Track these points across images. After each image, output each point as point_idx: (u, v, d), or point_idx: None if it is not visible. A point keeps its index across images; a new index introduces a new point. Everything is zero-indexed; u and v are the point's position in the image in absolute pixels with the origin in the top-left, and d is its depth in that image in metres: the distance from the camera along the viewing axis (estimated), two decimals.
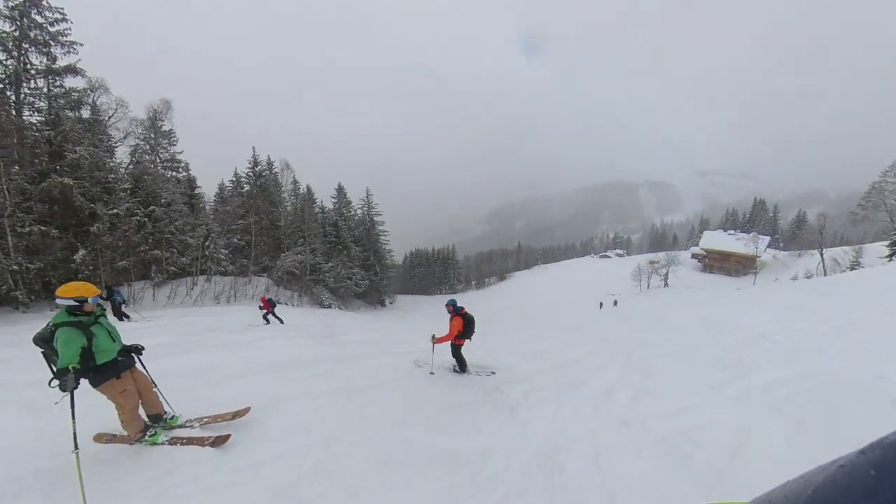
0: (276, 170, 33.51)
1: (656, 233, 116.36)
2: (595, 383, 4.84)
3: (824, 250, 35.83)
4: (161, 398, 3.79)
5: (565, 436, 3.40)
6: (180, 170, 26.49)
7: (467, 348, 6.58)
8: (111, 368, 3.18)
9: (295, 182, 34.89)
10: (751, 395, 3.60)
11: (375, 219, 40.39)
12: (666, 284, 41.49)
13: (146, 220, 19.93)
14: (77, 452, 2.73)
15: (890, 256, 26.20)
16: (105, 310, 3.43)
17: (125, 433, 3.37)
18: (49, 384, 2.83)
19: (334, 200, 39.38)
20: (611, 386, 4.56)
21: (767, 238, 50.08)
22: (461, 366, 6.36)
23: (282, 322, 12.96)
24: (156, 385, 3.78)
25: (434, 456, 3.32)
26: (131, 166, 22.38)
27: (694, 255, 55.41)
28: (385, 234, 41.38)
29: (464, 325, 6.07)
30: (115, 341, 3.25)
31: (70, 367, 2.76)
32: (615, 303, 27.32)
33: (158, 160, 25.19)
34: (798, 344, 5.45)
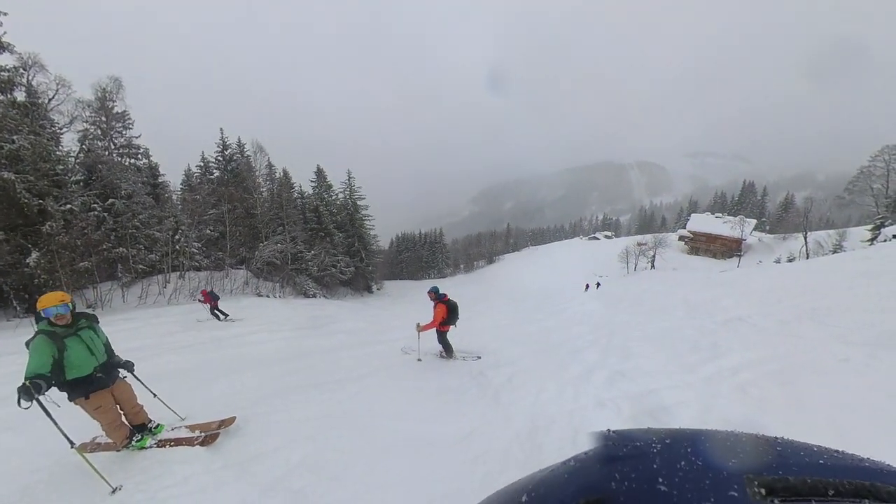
0: (247, 153, 32.03)
1: (645, 214, 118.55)
2: (577, 366, 5.14)
3: (809, 233, 37.21)
4: (163, 405, 3.94)
5: (546, 417, 3.67)
6: (139, 156, 24.54)
7: (455, 333, 6.83)
8: (81, 386, 3.09)
9: (270, 166, 33.48)
10: (719, 377, 3.91)
11: (359, 203, 39.86)
12: (653, 266, 42.73)
13: (106, 214, 18.64)
14: (76, 446, 2.86)
15: (871, 240, 27.36)
16: (95, 321, 3.33)
17: (110, 441, 3.40)
18: (18, 403, 2.67)
19: (314, 184, 38.36)
20: (591, 368, 4.85)
21: (753, 221, 51.68)
22: (447, 351, 6.62)
23: (220, 319, 12.49)
24: (156, 395, 3.89)
25: (419, 442, 3.55)
26: (82, 155, 20.47)
27: (681, 238, 56.87)
28: (369, 218, 40.95)
29: (447, 312, 6.30)
30: (93, 355, 3.14)
31: (32, 378, 2.70)
32: (598, 285, 28.08)
33: (113, 146, 23.08)
34: (771, 327, 5.81)
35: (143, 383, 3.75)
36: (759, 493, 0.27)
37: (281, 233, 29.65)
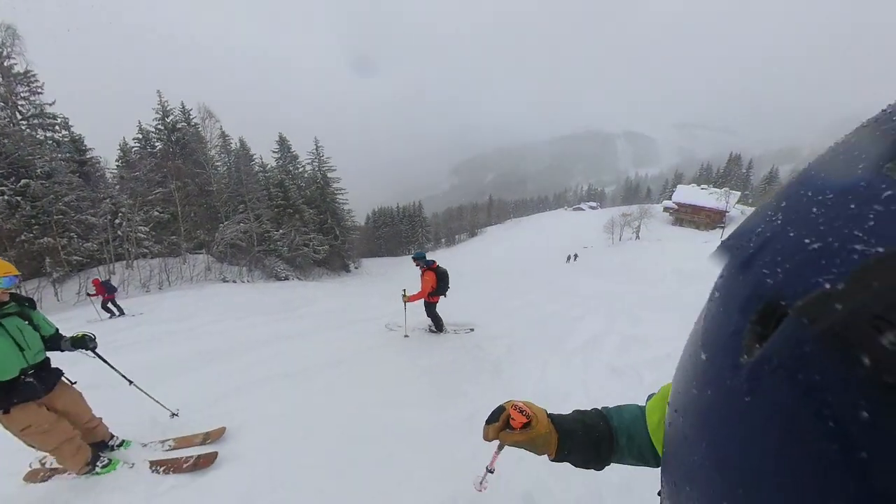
0: (195, 120, 29.37)
1: (630, 185, 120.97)
2: (580, 335, 5.00)
3: None
4: (148, 397, 3.43)
5: (558, 390, 3.46)
6: (57, 128, 21.63)
7: (440, 308, 6.53)
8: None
9: (223, 135, 30.96)
10: None
11: (329, 175, 38.26)
12: (637, 237, 43.89)
13: (19, 199, 16.47)
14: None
15: None
16: (30, 305, 2.61)
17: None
18: None
19: (276, 155, 36.23)
20: (596, 336, 4.71)
21: (738, 193, 53.67)
22: (437, 325, 6.31)
23: (121, 314, 11.31)
24: (132, 382, 3.38)
25: (412, 433, 3.15)
26: None
27: (666, 209, 58.53)
28: (342, 191, 39.47)
29: (437, 281, 5.93)
30: (21, 350, 2.39)
31: None
32: (576, 256, 28.73)
33: (19, 116, 20.06)
34: None
35: (115, 369, 3.25)
36: None
37: (243, 211, 27.99)
